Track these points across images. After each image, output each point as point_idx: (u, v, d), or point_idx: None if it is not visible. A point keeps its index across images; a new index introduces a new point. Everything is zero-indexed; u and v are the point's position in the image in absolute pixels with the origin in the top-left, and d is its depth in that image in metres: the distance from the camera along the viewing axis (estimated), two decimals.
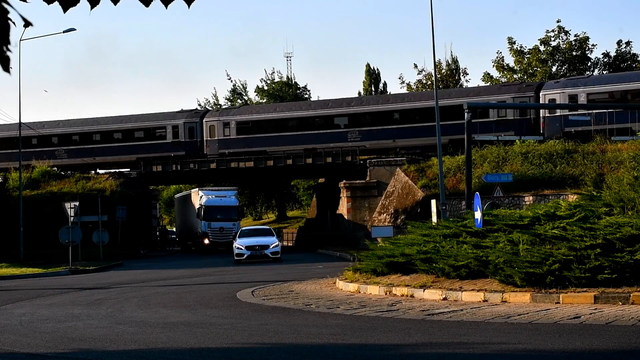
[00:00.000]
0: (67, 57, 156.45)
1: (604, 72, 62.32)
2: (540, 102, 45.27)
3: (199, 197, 54.35)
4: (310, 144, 52.49)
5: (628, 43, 63.42)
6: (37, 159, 55.90)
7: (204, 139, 55.07)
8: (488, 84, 61.28)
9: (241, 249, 38.51)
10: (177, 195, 71.88)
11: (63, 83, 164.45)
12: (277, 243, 39.35)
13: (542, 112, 45.94)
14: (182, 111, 57.41)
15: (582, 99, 44.21)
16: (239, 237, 40.34)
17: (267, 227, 45.51)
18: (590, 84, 45.24)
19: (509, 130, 46.92)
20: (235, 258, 38.47)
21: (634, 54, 63.60)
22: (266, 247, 38.57)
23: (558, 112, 44.84)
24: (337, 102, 53.31)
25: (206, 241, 53.72)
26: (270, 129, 53.76)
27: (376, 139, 50.89)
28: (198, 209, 53.81)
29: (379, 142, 50.97)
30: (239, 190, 62.18)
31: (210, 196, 53.98)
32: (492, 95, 47.78)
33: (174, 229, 77.16)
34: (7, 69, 4.34)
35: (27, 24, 4.42)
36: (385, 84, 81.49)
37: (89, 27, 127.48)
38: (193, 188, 64.35)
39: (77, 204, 38.31)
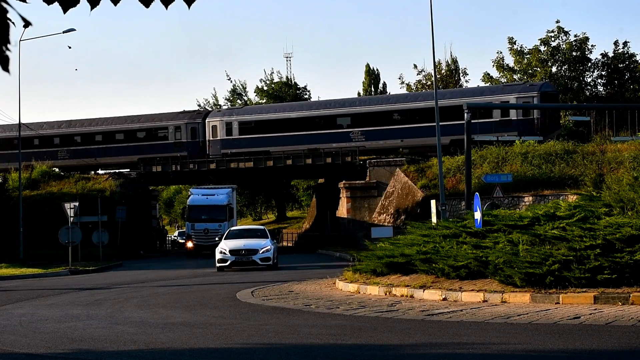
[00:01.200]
0: (66, 57, 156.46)
1: (603, 73, 62.52)
2: (206, 128, 55.97)
3: (188, 197, 52.64)
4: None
5: (625, 44, 63.38)
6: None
7: None
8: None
9: (225, 253, 31.89)
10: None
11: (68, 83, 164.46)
12: (269, 247, 32.25)
13: (208, 137, 55.69)
14: None
15: (235, 126, 54.85)
16: (225, 239, 33.72)
17: (261, 227, 38.63)
18: (241, 114, 55.71)
19: (183, 151, 56.13)
20: (218, 264, 31.92)
21: (632, 54, 63.57)
22: (254, 251, 31.86)
23: (219, 137, 55.12)
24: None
25: (189, 244, 49.11)
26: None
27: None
28: (183, 209, 52.24)
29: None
30: (238, 190, 61.74)
31: (197, 195, 51.09)
32: (171, 121, 57.11)
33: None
34: (6, 68, 4.33)
35: (27, 24, 4.42)
36: (385, 84, 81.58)
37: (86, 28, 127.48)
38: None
39: (76, 204, 38.29)
